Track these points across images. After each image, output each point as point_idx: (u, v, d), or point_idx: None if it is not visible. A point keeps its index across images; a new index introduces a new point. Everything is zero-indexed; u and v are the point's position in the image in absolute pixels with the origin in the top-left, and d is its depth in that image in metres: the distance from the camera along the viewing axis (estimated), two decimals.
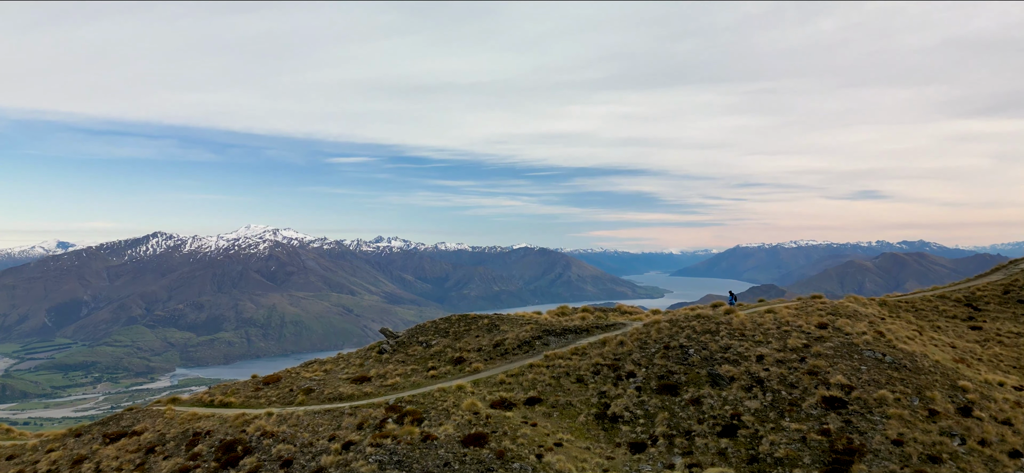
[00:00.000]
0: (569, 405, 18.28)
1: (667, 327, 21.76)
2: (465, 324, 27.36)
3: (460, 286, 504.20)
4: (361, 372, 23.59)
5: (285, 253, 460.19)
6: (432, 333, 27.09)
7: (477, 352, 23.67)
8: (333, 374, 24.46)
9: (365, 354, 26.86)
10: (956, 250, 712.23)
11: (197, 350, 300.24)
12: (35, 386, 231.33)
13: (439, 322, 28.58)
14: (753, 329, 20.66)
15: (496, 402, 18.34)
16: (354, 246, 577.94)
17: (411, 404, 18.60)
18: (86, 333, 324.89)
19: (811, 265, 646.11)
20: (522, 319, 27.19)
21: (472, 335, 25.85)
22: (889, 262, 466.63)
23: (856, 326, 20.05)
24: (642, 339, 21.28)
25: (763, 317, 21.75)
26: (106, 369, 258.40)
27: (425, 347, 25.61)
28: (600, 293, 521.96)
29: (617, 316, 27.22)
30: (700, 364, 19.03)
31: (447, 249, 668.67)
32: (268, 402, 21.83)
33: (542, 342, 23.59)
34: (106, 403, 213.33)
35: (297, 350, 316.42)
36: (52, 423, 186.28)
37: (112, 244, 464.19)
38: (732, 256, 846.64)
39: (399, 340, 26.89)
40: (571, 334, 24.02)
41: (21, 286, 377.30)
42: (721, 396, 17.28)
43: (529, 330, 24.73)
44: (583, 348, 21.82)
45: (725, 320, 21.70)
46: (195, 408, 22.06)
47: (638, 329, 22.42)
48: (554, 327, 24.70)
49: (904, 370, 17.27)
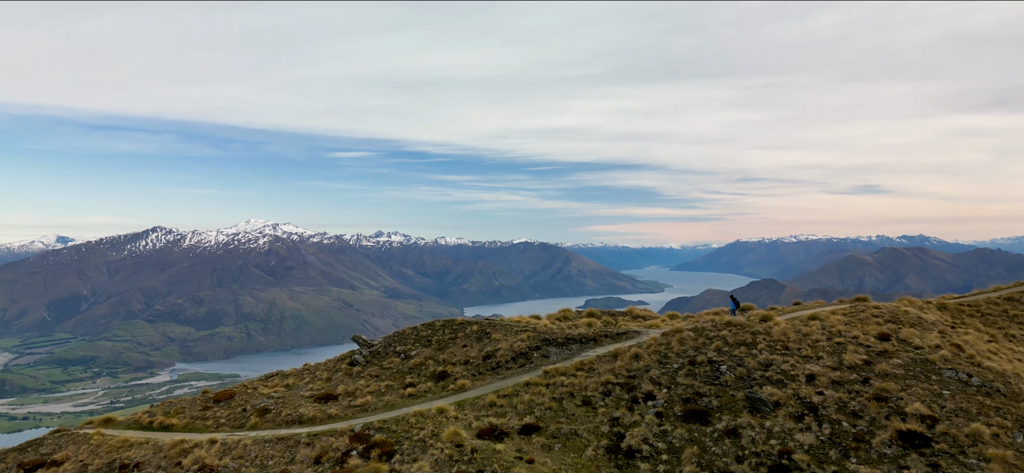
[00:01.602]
0: (574, 435, 14.82)
1: (691, 337, 18.39)
2: (451, 331, 23.74)
3: (460, 281, 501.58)
4: (327, 388, 20.45)
5: (285, 248, 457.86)
6: (412, 342, 23.48)
7: (464, 365, 20.31)
8: (295, 390, 21.09)
9: (334, 365, 23.65)
10: (956, 245, 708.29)
11: (197, 345, 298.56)
12: (34, 381, 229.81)
13: (421, 328, 24.95)
14: (798, 341, 17.20)
15: (484, 430, 14.90)
16: (354, 241, 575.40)
17: (381, 431, 15.26)
18: (85, 328, 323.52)
19: (811, 260, 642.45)
20: (517, 325, 23.59)
21: (459, 344, 22.35)
22: (889, 257, 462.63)
23: (926, 337, 16.46)
24: (662, 351, 17.99)
25: (808, 325, 18.25)
26: (105, 364, 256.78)
27: (403, 359, 22.14)
28: (600, 288, 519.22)
29: (628, 321, 23.55)
30: (735, 385, 15.55)
31: (447, 244, 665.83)
32: (215, 425, 18.41)
33: (541, 354, 20.12)
34: (105, 398, 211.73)
35: (297, 345, 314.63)
36: (51, 418, 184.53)
37: (112, 239, 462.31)
38: (732, 251, 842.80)
39: (373, 350, 23.45)
40: (575, 344, 20.51)
41: (20, 281, 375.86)
42: (764, 427, 13.78)
43: (525, 339, 21.19)
44: (590, 362, 18.46)
45: (763, 329, 18.28)
46: (129, 432, 18.65)
47: (656, 339, 19.06)
48: (555, 336, 21.15)
49: (998, 395, 13.70)
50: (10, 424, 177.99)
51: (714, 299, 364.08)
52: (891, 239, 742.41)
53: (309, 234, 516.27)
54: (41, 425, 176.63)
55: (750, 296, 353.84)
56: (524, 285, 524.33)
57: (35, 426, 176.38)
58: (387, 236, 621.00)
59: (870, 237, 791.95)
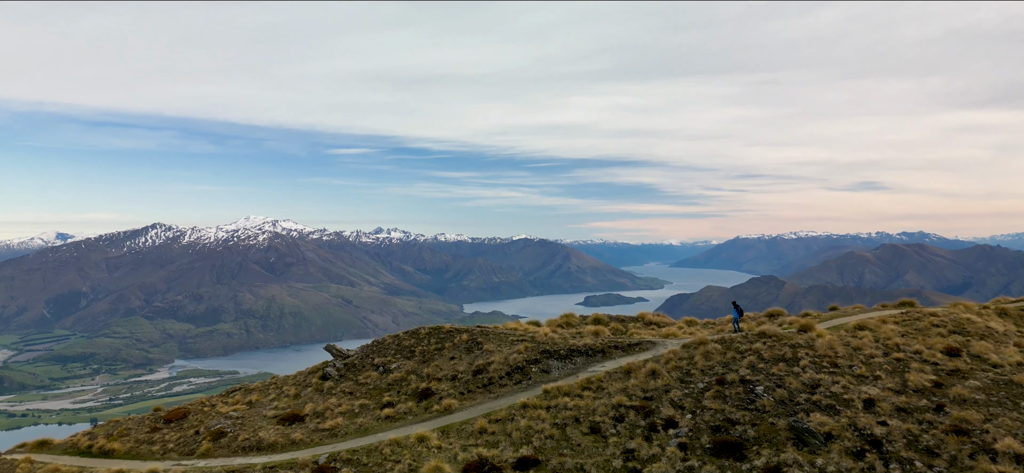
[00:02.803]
0: (580, 471, 12.25)
1: (719, 350, 15.83)
2: (437, 341, 20.88)
3: (460, 277, 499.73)
4: (294, 408, 18.04)
5: (284, 244, 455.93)
6: (392, 352, 20.68)
7: (451, 382, 17.71)
8: (258, 409, 18.62)
9: (304, 380, 21.12)
10: (956, 241, 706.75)
11: (196, 341, 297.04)
12: (33, 378, 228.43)
13: (403, 337, 22.10)
14: (849, 356, 14.62)
15: (472, 464, 12.32)
16: (353, 237, 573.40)
17: (350, 464, 12.73)
18: (85, 324, 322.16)
19: (811, 256, 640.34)
20: (513, 334, 20.69)
21: (446, 356, 19.62)
22: (889, 253, 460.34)
23: (1004, 353, 13.82)
24: (683, 368, 15.46)
25: (858, 337, 15.67)
26: (105, 361, 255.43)
27: (382, 372, 19.41)
28: (600, 284, 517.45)
29: (640, 329, 21.03)
30: (775, 410, 12.91)
31: (447, 240, 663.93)
32: (162, 450, 15.83)
33: (540, 369, 17.40)
34: (104, 395, 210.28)
35: (296, 341, 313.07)
36: (50, 415, 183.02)
37: (111, 235, 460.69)
38: (732, 247, 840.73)
39: (349, 361, 20.72)
40: (580, 357, 17.86)
41: (20, 277, 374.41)
42: (814, 465, 11.15)
43: (523, 350, 18.47)
44: (599, 379, 15.91)
45: (804, 342, 15.70)
46: (63, 459, 16.07)
47: (675, 352, 16.52)
48: (557, 347, 18.41)
49: None
50: (9, 421, 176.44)
51: (714, 295, 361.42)
52: (891, 236, 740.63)
53: (309, 231, 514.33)
54: (40, 422, 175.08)
55: (750, 293, 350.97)
56: (524, 281, 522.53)
57: (33, 423, 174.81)
58: (387, 233, 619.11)
59: (870, 234, 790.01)
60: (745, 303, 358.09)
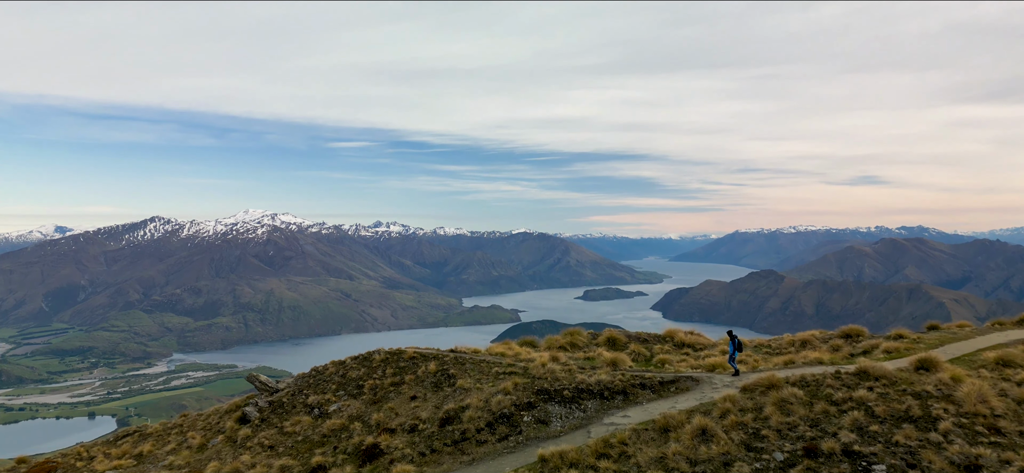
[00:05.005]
0: None
1: (801, 399, 10.90)
2: (395, 371, 16.00)
3: (458, 271, 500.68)
4: (196, 464, 14.29)
5: (283, 238, 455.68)
6: (334, 387, 15.99)
7: (409, 435, 12.91)
8: (149, 464, 15.10)
9: (218, 422, 16.90)
10: (955, 236, 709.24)
11: (194, 335, 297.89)
12: (31, 371, 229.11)
13: (351, 365, 17.14)
14: (1016, 415, 9.99)
15: None
16: (352, 231, 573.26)
17: None
18: (83, 318, 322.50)
19: (810, 251, 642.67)
20: (499, 363, 15.62)
21: (404, 395, 14.81)
22: (888, 248, 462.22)
23: None
24: (749, 426, 10.58)
25: (1008, 375, 11.24)
26: (103, 354, 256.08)
27: (317, 416, 14.90)
28: (599, 278, 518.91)
29: (670, 353, 15.74)
30: None
31: (446, 234, 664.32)
32: None
33: (535, 418, 12.29)
34: (102, 388, 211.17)
35: (295, 335, 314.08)
36: (48, 408, 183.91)
37: (110, 228, 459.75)
38: (731, 241, 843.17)
39: (276, 398, 16.36)
40: (592, 399, 12.74)
41: (18, 270, 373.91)
42: None
43: (511, 389, 13.38)
44: (621, 440, 10.85)
45: (936, 388, 10.72)
46: None
47: (733, 398, 11.50)
48: (559, 384, 13.24)
49: None
50: (7, 415, 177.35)
51: (713, 290, 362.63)
52: (890, 230, 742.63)
53: (308, 224, 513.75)
54: (37, 416, 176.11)
55: (749, 287, 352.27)
56: (523, 275, 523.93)
57: (31, 417, 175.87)
58: (386, 226, 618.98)
59: (869, 228, 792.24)
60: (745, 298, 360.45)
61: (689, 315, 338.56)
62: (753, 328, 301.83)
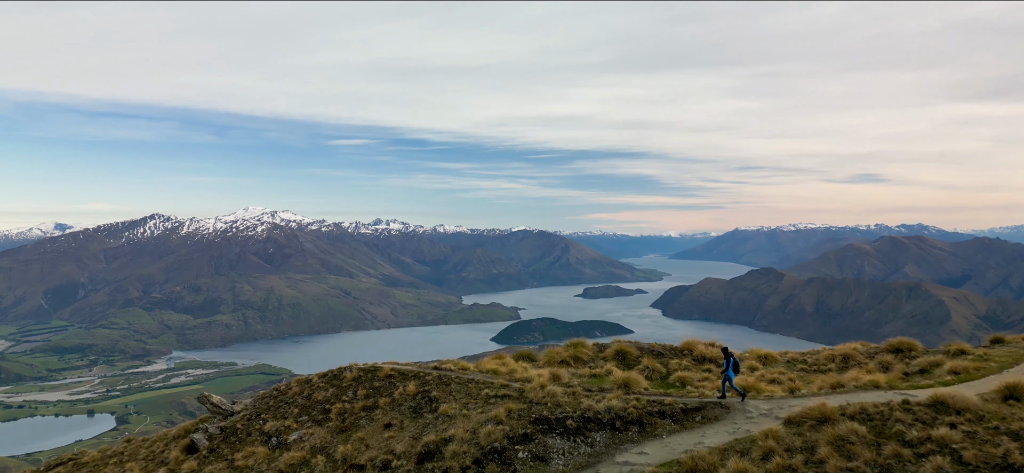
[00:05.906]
0: None
1: (864, 437, 8.75)
2: (367, 392, 14.05)
3: (458, 269, 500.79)
4: None
5: (283, 235, 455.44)
6: (297, 411, 14.09)
7: (380, 471, 11.19)
8: None
9: (162, 451, 15.28)
10: (954, 233, 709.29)
11: (194, 333, 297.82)
12: (31, 369, 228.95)
13: (319, 383, 15.21)
14: None
15: None
16: (352, 228, 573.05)
17: None
18: (83, 315, 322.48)
19: (810, 249, 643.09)
20: (490, 383, 13.58)
21: (378, 423, 12.79)
22: (888, 245, 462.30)
23: None
24: (798, 470, 8.52)
25: None
26: (102, 352, 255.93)
27: (273, 446, 13.08)
28: (599, 276, 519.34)
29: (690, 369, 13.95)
30: None
31: (446, 231, 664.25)
32: None
33: (531, 453, 10.41)
34: (102, 386, 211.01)
35: (294, 333, 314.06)
36: (47, 406, 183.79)
37: (110, 226, 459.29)
38: (731, 239, 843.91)
39: (229, 423, 14.63)
40: (601, 430, 10.83)
41: (18, 268, 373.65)
42: None
43: (503, 417, 11.46)
44: None
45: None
46: None
47: (776, 433, 9.33)
48: (560, 413, 11.32)
49: None
50: (6, 412, 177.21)
51: (713, 287, 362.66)
52: (890, 228, 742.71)
53: (307, 222, 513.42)
54: (37, 414, 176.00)
55: (749, 285, 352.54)
56: (523, 273, 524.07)
57: (30, 414, 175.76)
58: (386, 224, 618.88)
59: (869, 226, 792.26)
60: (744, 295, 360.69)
61: (689, 313, 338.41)
62: (753, 326, 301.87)
